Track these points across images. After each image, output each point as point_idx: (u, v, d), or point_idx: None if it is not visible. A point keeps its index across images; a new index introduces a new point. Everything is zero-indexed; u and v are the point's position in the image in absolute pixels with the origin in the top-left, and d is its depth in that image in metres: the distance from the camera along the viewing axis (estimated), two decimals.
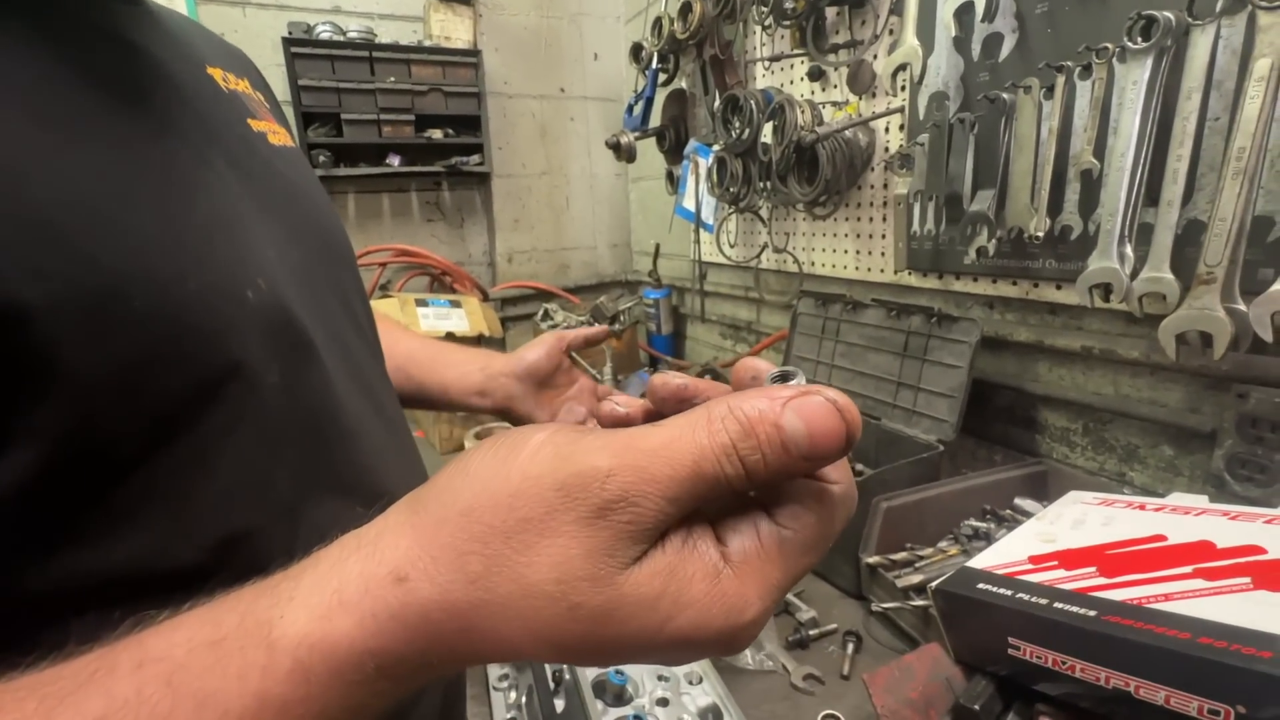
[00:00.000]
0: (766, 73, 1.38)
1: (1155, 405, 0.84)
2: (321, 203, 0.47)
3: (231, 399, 0.31)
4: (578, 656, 0.22)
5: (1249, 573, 0.47)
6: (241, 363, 0.31)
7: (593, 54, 2.09)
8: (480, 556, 0.21)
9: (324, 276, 0.43)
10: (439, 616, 0.21)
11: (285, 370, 0.34)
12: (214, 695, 0.21)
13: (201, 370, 0.29)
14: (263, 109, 0.45)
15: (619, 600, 0.20)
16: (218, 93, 0.39)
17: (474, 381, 0.63)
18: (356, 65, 1.68)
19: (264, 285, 0.33)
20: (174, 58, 0.36)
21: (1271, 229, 0.66)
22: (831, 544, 0.24)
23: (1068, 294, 0.88)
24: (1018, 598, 0.53)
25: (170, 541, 0.29)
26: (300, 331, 0.36)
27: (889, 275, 1.16)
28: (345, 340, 0.44)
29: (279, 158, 0.43)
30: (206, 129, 0.36)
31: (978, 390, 0.94)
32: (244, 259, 0.33)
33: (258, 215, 0.37)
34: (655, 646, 0.21)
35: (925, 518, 0.84)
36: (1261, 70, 0.60)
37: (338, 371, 0.39)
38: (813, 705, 0.66)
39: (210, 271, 0.30)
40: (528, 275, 2.12)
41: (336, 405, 0.38)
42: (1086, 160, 0.77)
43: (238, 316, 0.31)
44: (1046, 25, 0.84)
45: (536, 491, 0.21)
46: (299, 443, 0.35)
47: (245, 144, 0.39)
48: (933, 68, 0.98)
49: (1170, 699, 0.42)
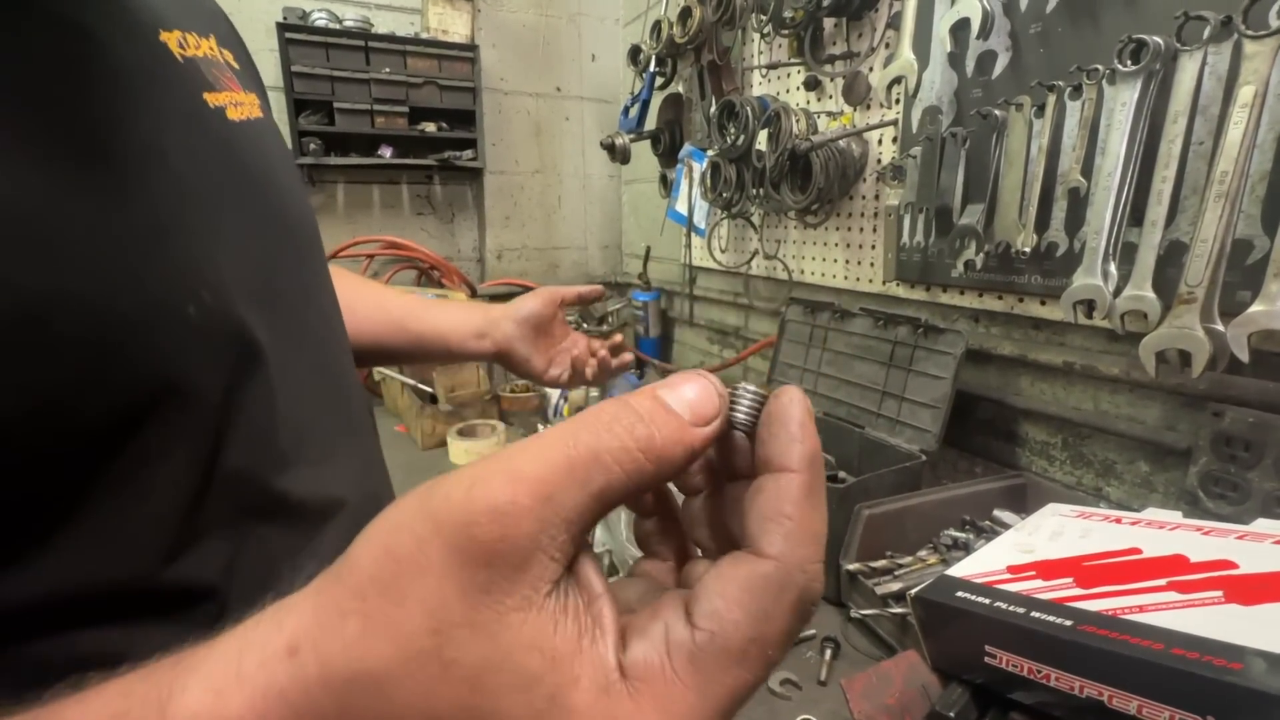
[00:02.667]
0: (763, 80, 1.39)
1: (1133, 422, 0.85)
2: (286, 184, 0.43)
3: (164, 422, 0.28)
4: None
5: (1221, 586, 0.48)
6: (177, 383, 0.28)
7: (590, 54, 2.10)
8: (358, 615, 0.17)
9: (285, 270, 0.39)
10: (320, 697, 0.17)
11: (230, 386, 0.31)
12: None
13: (131, 395, 0.27)
14: (225, 75, 0.40)
15: (497, 661, 0.17)
16: (170, 65, 0.35)
17: (473, 325, 0.64)
18: (351, 54, 1.66)
19: (209, 298, 0.30)
20: (118, 28, 0.32)
21: (1250, 252, 0.67)
22: (779, 650, 0.18)
23: (1052, 309, 0.89)
24: (995, 606, 0.54)
25: (103, 570, 0.27)
26: (250, 343, 0.33)
27: (877, 285, 1.17)
28: (305, 340, 0.40)
29: (240, 135, 0.38)
30: (155, 115, 0.32)
31: (961, 402, 0.95)
32: (188, 268, 0.30)
33: (209, 210, 0.33)
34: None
35: (906, 526, 0.84)
36: (1245, 97, 0.62)
37: (293, 378, 0.36)
38: (790, 710, 0.66)
39: (146, 287, 0.28)
40: (517, 273, 2.11)
41: (287, 416, 0.35)
42: (1074, 179, 0.79)
43: (175, 334, 0.28)
44: (1039, 45, 0.86)
45: (410, 524, 0.18)
46: (242, 460, 0.32)
47: (200, 125, 0.35)
48: (927, 82, 0.99)
49: (1142, 709, 0.43)
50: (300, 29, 1.61)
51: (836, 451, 1.06)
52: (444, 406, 1.45)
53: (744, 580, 0.18)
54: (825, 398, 1.14)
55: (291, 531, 0.36)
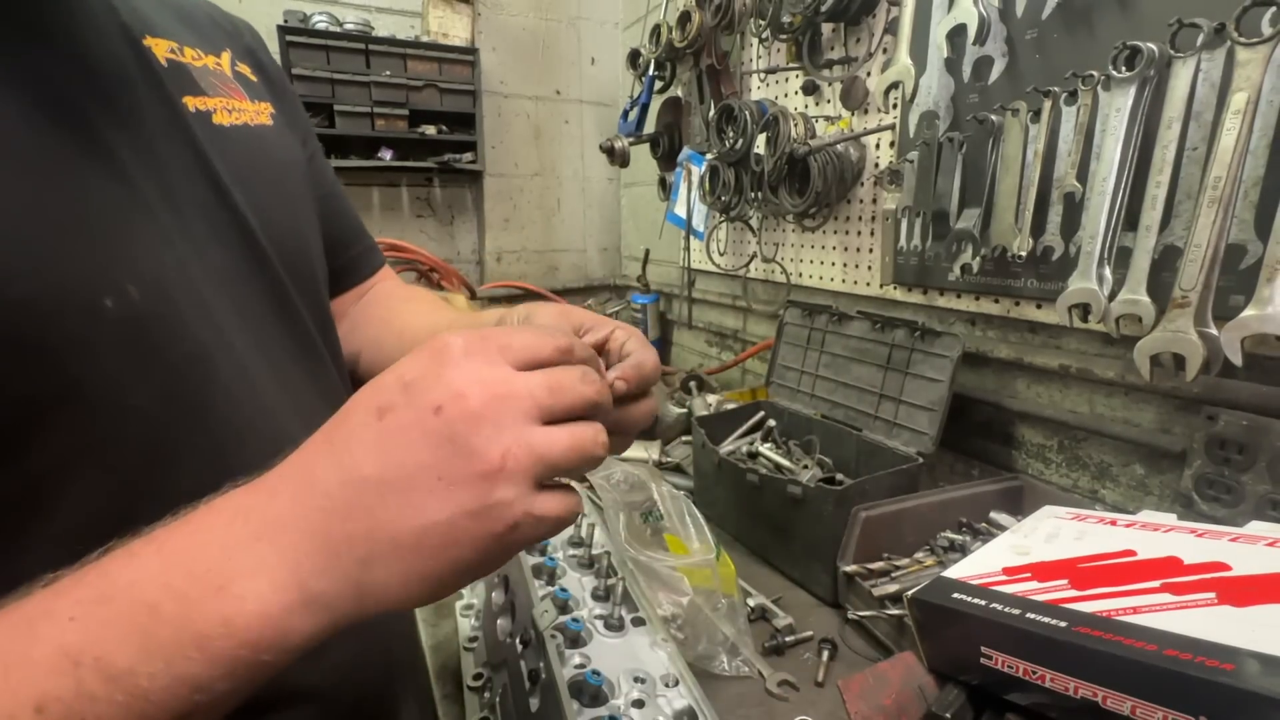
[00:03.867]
0: (762, 84, 1.40)
1: (1128, 425, 0.86)
2: (278, 192, 0.42)
3: (70, 426, 0.27)
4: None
5: (1214, 588, 0.48)
6: (92, 382, 0.27)
7: (590, 58, 2.10)
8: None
9: (257, 278, 0.38)
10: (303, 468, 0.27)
11: (160, 390, 0.30)
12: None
13: (29, 390, 0.25)
14: (226, 84, 0.40)
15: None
16: (149, 68, 0.35)
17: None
18: (352, 57, 1.67)
19: (135, 292, 0.29)
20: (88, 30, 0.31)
21: (1243, 257, 0.68)
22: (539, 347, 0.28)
23: (1048, 313, 0.90)
24: (991, 608, 0.54)
25: (17, 581, 0.25)
26: (192, 345, 0.31)
27: (875, 288, 1.17)
28: (278, 350, 0.39)
29: (224, 140, 0.38)
30: (110, 109, 0.31)
31: (957, 405, 0.96)
32: (112, 262, 0.29)
33: (162, 211, 0.32)
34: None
35: (903, 528, 0.85)
36: (1238, 103, 0.62)
37: (246, 389, 0.35)
38: (787, 711, 0.66)
39: (52, 276, 0.26)
40: (516, 275, 2.11)
41: (235, 429, 0.34)
42: (1070, 183, 0.79)
43: (85, 328, 0.27)
44: (1035, 51, 0.87)
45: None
46: (178, 473, 0.31)
47: (172, 126, 0.35)
48: (924, 87, 1.00)
49: (1136, 709, 0.43)
50: (301, 32, 1.62)
51: (834, 454, 1.07)
52: None
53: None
54: (823, 400, 1.14)
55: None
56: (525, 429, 0.26)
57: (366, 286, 0.63)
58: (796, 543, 0.89)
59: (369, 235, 0.63)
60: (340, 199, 0.57)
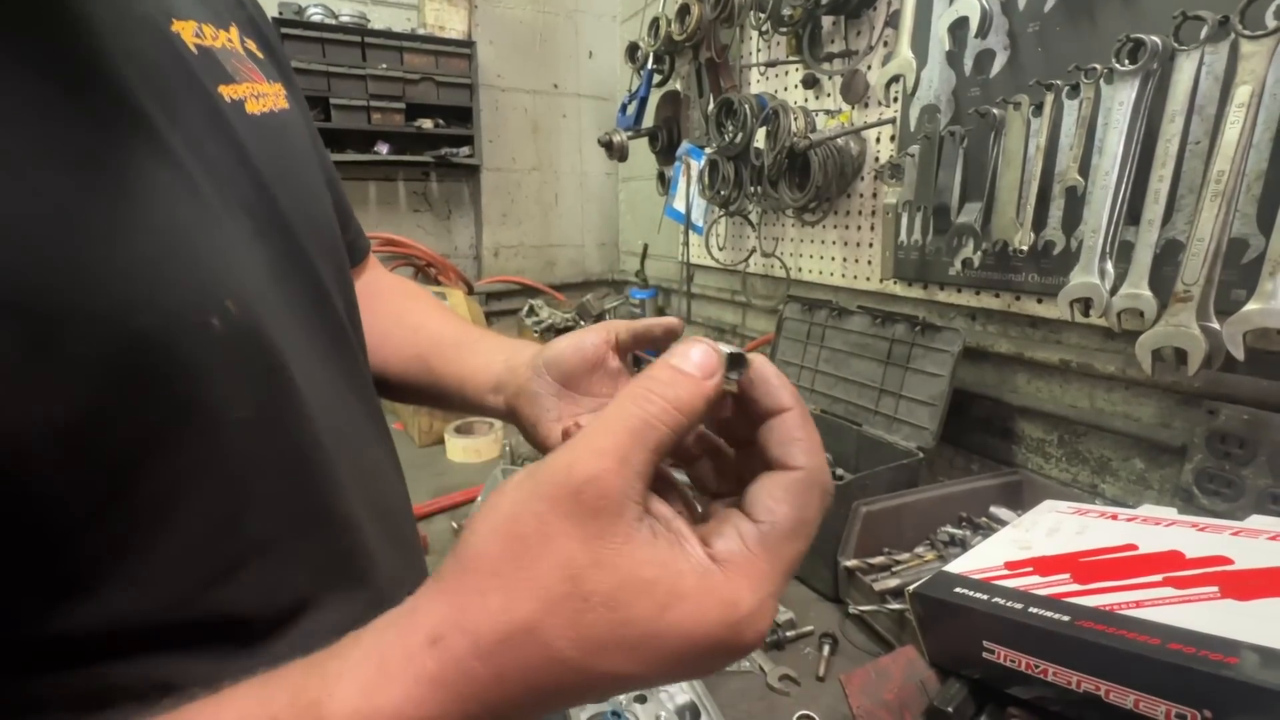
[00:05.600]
0: (761, 78, 1.39)
1: (1129, 419, 0.86)
2: (305, 181, 0.41)
3: (191, 444, 0.27)
4: (597, 655, 0.21)
5: (1217, 582, 0.48)
6: (202, 403, 0.27)
7: (588, 51, 2.09)
8: (498, 590, 0.21)
9: (298, 274, 0.37)
10: (473, 665, 0.21)
11: (257, 403, 0.30)
12: None
13: (154, 418, 0.25)
14: (246, 66, 0.38)
15: (623, 580, 0.21)
16: (182, 58, 0.33)
17: (492, 374, 0.48)
18: (347, 50, 1.65)
19: (233, 307, 0.28)
20: (125, 20, 0.30)
21: (1245, 251, 0.68)
22: (814, 528, 0.24)
23: (1048, 307, 0.90)
24: (993, 602, 0.54)
25: (138, 599, 0.26)
26: (274, 354, 0.31)
27: (875, 283, 1.17)
28: (321, 348, 0.39)
29: (257, 131, 0.36)
30: (166, 111, 0.30)
31: (957, 399, 0.95)
32: (209, 278, 0.28)
33: (224, 214, 0.31)
34: (659, 637, 0.21)
35: (903, 523, 0.85)
36: (1242, 97, 0.62)
37: (312, 388, 0.35)
38: (788, 705, 0.66)
39: (165, 300, 0.26)
40: (514, 270, 2.10)
41: (311, 429, 0.34)
42: (1072, 177, 0.79)
43: (198, 350, 0.27)
44: (1037, 44, 0.86)
45: (527, 508, 0.22)
46: (271, 479, 0.31)
47: (213, 122, 0.33)
48: (925, 81, 0.99)
49: (1139, 703, 0.43)
50: (296, 24, 1.60)
51: (834, 449, 1.07)
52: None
53: (785, 484, 0.24)
54: (823, 395, 1.14)
55: (335, 545, 0.35)
56: (782, 587, 0.24)
57: (358, 271, 0.60)
58: None
59: (356, 219, 0.61)
60: (336, 181, 0.55)
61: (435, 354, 0.52)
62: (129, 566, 0.26)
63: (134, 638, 0.26)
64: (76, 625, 0.25)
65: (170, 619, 0.27)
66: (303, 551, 0.33)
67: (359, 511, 0.37)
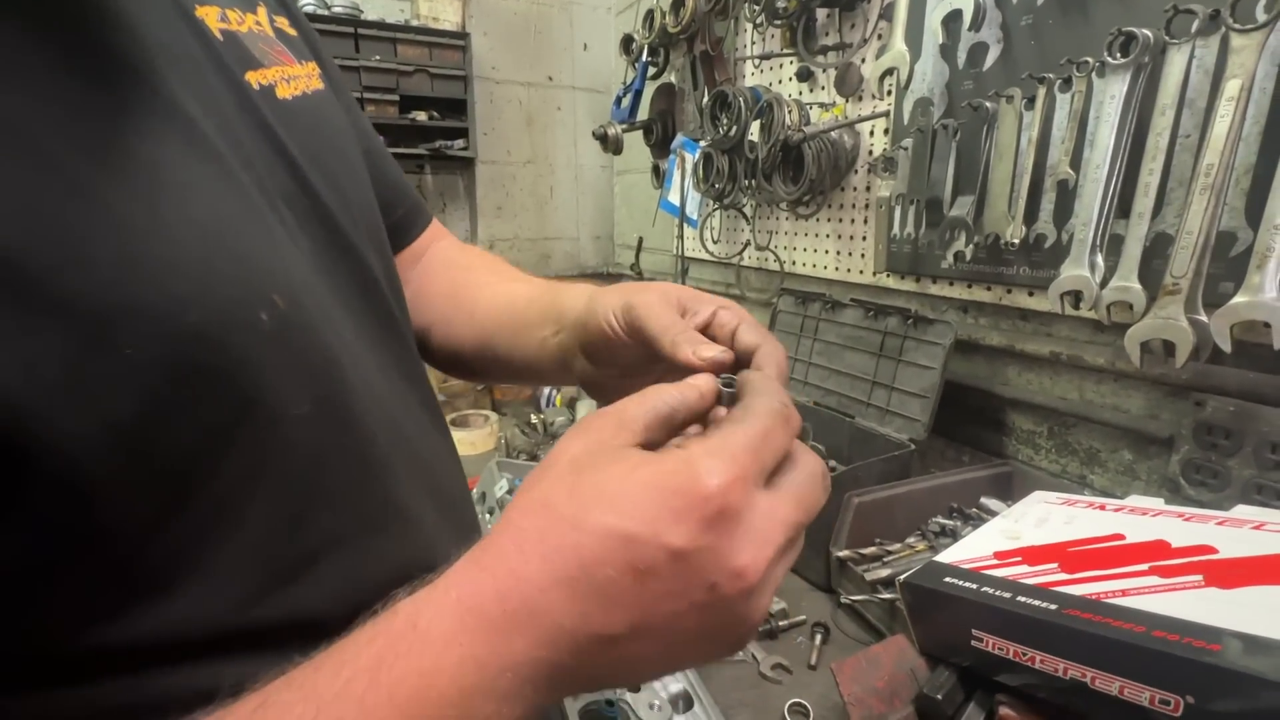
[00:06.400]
0: (756, 71, 1.39)
1: (1117, 411, 0.86)
2: (345, 163, 0.40)
3: (252, 443, 0.27)
4: (587, 508, 0.24)
5: (1201, 571, 0.49)
6: (259, 400, 0.27)
7: (582, 44, 2.08)
8: (525, 491, 0.27)
9: (343, 263, 0.36)
10: (503, 542, 0.25)
11: (314, 397, 0.30)
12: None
13: (213, 416, 0.25)
14: (275, 49, 0.37)
15: (610, 457, 0.26)
16: (210, 46, 0.32)
17: (550, 356, 0.46)
18: (340, 41, 1.64)
19: (281, 302, 0.28)
20: (151, 10, 0.29)
21: (1234, 244, 0.68)
22: (767, 420, 0.27)
23: (1039, 300, 0.90)
24: (982, 591, 0.55)
25: (206, 602, 0.26)
26: (325, 348, 0.31)
27: (868, 276, 1.17)
28: (370, 337, 0.38)
29: (290, 117, 0.35)
30: (199, 101, 0.29)
31: (949, 392, 0.96)
32: (255, 272, 0.28)
33: (265, 205, 0.31)
34: (630, 483, 0.24)
35: (895, 514, 0.85)
36: (1232, 90, 0.63)
37: (365, 380, 0.34)
38: (780, 694, 0.67)
39: (214, 296, 0.25)
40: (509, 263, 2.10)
41: (368, 422, 0.34)
42: (1063, 171, 0.79)
43: (250, 346, 0.26)
44: (1030, 37, 0.86)
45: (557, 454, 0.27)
46: (335, 474, 0.31)
47: (245, 111, 0.32)
48: (919, 74, 0.99)
49: (1124, 689, 0.44)
50: None
51: (827, 440, 1.07)
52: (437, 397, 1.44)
53: (747, 381, 0.31)
54: (816, 387, 1.14)
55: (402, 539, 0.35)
56: (779, 573, 0.26)
57: (420, 247, 0.58)
58: None
59: (413, 190, 0.57)
60: (381, 154, 0.52)
61: (496, 337, 0.51)
62: (196, 569, 0.26)
63: (200, 643, 0.26)
64: (143, 633, 0.24)
65: (239, 622, 0.27)
66: (371, 547, 0.33)
67: (421, 502, 0.37)
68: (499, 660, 0.23)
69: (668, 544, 0.23)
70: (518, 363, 0.50)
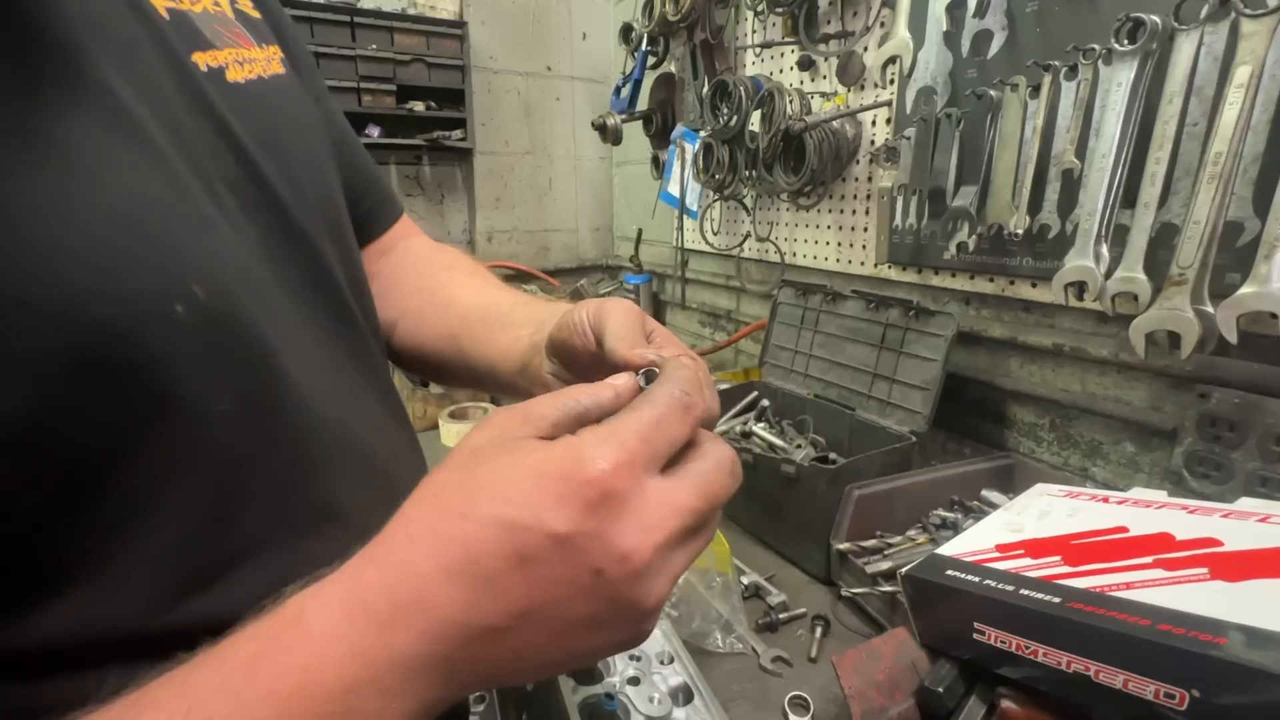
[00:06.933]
0: (757, 60, 1.37)
1: (1120, 403, 0.86)
2: (303, 151, 0.38)
3: (166, 441, 0.26)
4: (473, 498, 0.24)
5: (1206, 564, 0.48)
6: (175, 396, 0.26)
7: (581, 33, 2.06)
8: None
9: (294, 253, 0.35)
10: (395, 533, 0.25)
11: (239, 393, 0.28)
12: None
13: (121, 414, 0.24)
14: (231, 30, 0.36)
15: (504, 448, 0.25)
16: (151, 23, 0.31)
17: (517, 356, 0.45)
18: (336, 30, 1.62)
19: (201, 292, 0.27)
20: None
21: (1241, 234, 0.68)
22: (663, 408, 0.26)
23: (1042, 291, 0.89)
24: (985, 584, 0.54)
25: (110, 607, 0.25)
26: (257, 340, 0.30)
27: (869, 268, 1.17)
28: (324, 330, 0.37)
29: (242, 100, 0.34)
30: (131, 81, 0.27)
31: (950, 384, 0.96)
32: (173, 261, 0.26)
33: (201, 192, 0.29)
34: (517, 471, 0.24)
35: (895, 507, 0.85)
36: (1241, 77, 0.62)
37: (308, 375, 0.33)
38: (781, 686, 0.66)
39: (124, 286, 0.24)
40: (507, 255, 2.09)
41: (305, 420, 0.32)
42: (1068, 160, 0.78)
43: (165, 339, 0.25)
44: (1035, 24, 0.85)
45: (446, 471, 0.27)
46: (262, 474, 0.30)
47: (188, 93, 0.31)
48: (922, 62, 0.98)
49: (1128, 683, 0.44)
50: (283, 3, 1.57)
51: (827, 433, 1.07)
52: (435, 389, 1.44)
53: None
54: (817, 380, 1.14)
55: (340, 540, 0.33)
56: (678, 561, 0.25)
57: (390, 241, 0.57)
58: (790, 521, 0.89)
59: (384, 181, 0.56)
60: (352, 145, 0.51)
61: (466, 334, 0.49)
62: (100, 572, 0.25)
63: (103, 649, 0.25)
64: (34, 638, 0.24)
65: (149, 627, 0.26)
66: (303, 549, 0.31)
67: (366, 503, 0.36)
68: (385, 654, 0.22)
69: (550, 529, 0.23)
70: (480, 362, 0.48)
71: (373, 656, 0.22)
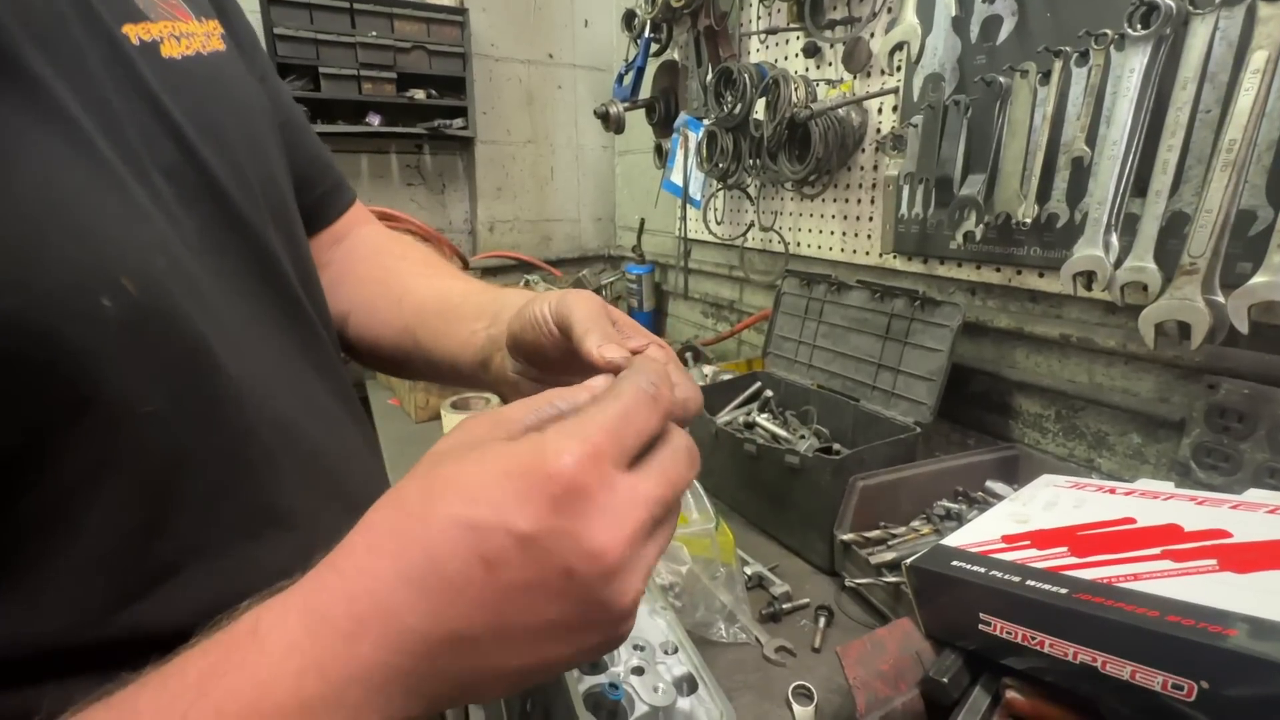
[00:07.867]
0: (761, 47, 1.36)
1: (1127, 394, 0.85)
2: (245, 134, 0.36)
3: (91, 443, 0.24)
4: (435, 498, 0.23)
5: (1215, 555, 0.48)
6: (99, 396, 0.24)
7: (583, 20, 2.04)
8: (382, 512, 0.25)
9: (234, 243, 0.34)
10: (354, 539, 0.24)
11: (172, 392, 0.27)
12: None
13: (36, 416, 0.23)
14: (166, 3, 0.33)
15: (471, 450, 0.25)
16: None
17: (476, 348, 0.44)
18: (336, 16, 1.61)
19: (131, 286, 0.25)
20: None
21: (1253, 223, 0.67)
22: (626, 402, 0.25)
23: (1049, 281, 0.89)
24: (990, 575, 0.54)
25: (30, 621, 0.24)
26: (193, 337, 0.28)
27: (874, 258, 1.16)
28: (269, 323, 0.35)
29: (178, 78, 0.32)
30: (50, 57, 0.25)
31: (955, 375, 0.95)
32: (98, 254, 0.25)
33: (131, 177, 0.28)
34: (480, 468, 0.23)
35: (900, 497, 0.85)
36: (1258, 62, 0.60)
37: (249, 372, 0.32)
38: (785, 676, 0.66)
39: (41, 280, 0.23)
40: (509, 245, 2.08)
41: (245, 419, 0.31)
42: (1079, 148, 0.77)
43: (89, 336, 0.24)
44: (1046, 9, 0.84)
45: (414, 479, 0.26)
46: (200, 477, 0.29)
47: (118, 70, 0.29)
48: (930, 48, 0.97)
49: (1136, 674, 0.43)
50: None
51: (831, 424, 1.06)
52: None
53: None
54: (821, 370, 1.13)
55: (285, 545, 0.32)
56: (649, 554, 0.24)
57: (342, 229, 0.55)
58: (794, 512, 0.89)
59: (335, 167, 0.54)
60: (300, 127, 0.49)
61: (422, 327, 0.48)
62: (20, 584, 0.23)
63: (24, 665, 0.24)
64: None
65: (77, 641, 0.25)
66: (245, 555, 0.30)
67: (315, 504, 0.35)
68: (345, 669, 0.21)
69: (514, 528, 0.22)
70: (438, 356, 0.47)
71: (331, 671, 0.21)
